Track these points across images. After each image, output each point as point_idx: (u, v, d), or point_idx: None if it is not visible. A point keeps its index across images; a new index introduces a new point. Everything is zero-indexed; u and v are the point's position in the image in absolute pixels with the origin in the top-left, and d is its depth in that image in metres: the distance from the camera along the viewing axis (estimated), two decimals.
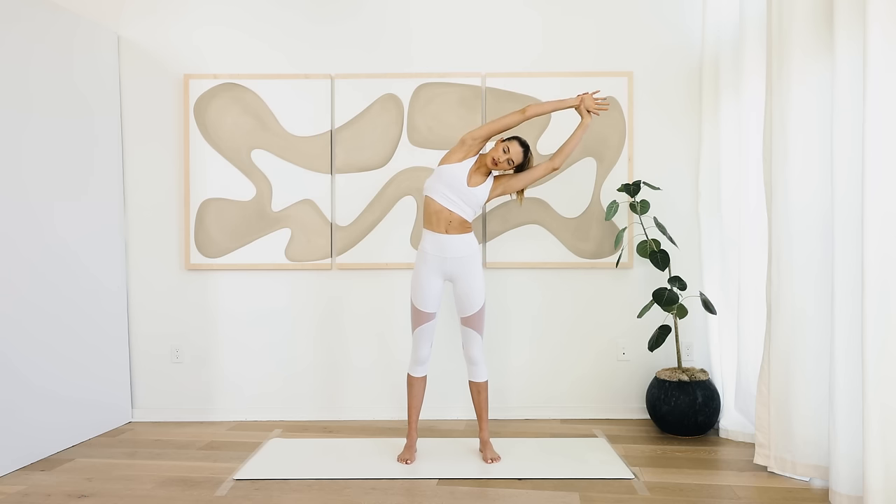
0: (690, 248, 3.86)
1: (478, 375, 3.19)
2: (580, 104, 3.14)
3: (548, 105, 3.11)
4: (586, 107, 3.14)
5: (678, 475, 2.97)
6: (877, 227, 2.32)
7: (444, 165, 3.09)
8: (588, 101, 3.14)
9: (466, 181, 3.06)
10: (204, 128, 3.90)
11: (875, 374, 2.32)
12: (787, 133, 2.78)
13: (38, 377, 3.26)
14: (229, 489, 2.84)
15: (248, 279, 3.95)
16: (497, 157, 3.04)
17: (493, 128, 3.08)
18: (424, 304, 3.12)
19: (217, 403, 3.95)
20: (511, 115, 3.08)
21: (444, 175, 3.07)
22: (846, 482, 2.50)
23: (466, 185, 3.06)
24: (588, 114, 3.15)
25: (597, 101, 3.15)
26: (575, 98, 3.14)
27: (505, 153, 3.04)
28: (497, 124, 3.08)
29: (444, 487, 2.84)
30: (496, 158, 3.04)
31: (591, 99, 3.14)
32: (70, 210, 3.50)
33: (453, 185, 3.05)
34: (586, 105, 3.14)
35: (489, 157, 3.06)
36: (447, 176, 3.06)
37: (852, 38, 2.45)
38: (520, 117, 3.06)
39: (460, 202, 3.07)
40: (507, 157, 3.04)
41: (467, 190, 3.06)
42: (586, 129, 3.17)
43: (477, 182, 3.09)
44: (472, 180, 3.08)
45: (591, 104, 3.14)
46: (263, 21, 3.94)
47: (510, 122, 3.08)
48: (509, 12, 3.93)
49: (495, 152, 3.05)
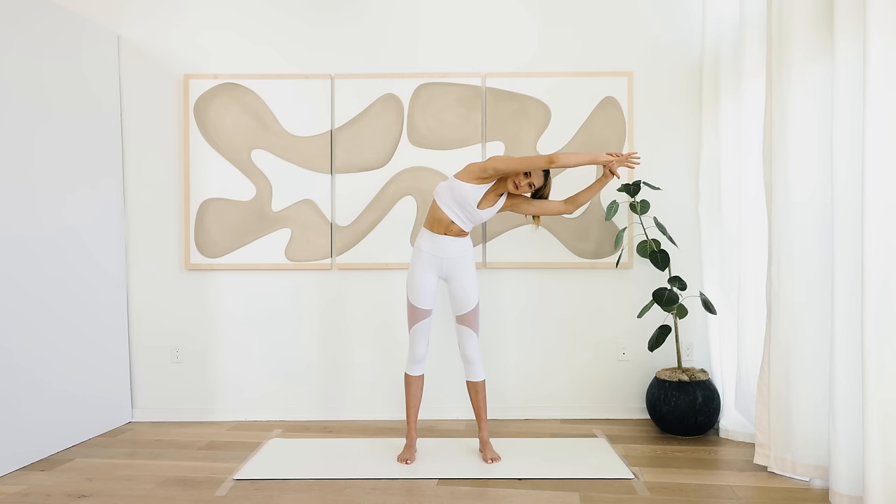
0: (690, 248, 3.86)
1: (475, 375, 3.19)
2: (608, 165, 3.08)
3: (578, 157, 3.00)
4: (618, 165, 3.08)
5: (678, 475, 2.97)
6: (876, 227, 2.31)
7: (460, 182, 3.06)
8: (617, 160, 3.05)
9: (477, 204, 3.10)
10: (204, 128, 3.90)
11: (875, 374, 2.32)
12: (787, 133, 2.78)
13: (37, 377, 3.26)
14: (229, 489, 2.84)
15: (248, 279, 3.95)
16: (518, 182, 3.06)
17: (518, 167, 3.01)
18: (420, 300, 3.14)
19: (217, 403, 3.95)
20: (538, 158, 2.99)
21: (457, 192, 3.06)
22: (846, 482, 2.50)
23: (476, 208, 3.10)
24: (611, 174, 3.11)
25: (631, 158, 3.07)
26: (603, 157, 3.02)
27: (526, 177, 3.06)
28: (523, 164, 3.01)
29: (444, 487, 2.84)
30: (517, 183, 3.06)
31: (624, 159, 3.06)
32: (70, 210, 3.50)
33: (464, 205, 3.08)
34: (612, 166, 3.08)
35: (510, 182, 3.07)
36: (460, 195, 3.05)
37: (852, 38, 2.45)
38: (546, 164, 2.99)
39: (465, 219, 3.12)
40: (528, 181, 3.06)
41: (476, 211, 3.11)
42: (605, 185, 3.19)
43: (487, 205, 3.13)
44: (483, 203, 3.12)
45: (622, 162, 3.06)
46: (263, 21, 3.94)
47: (535, 165, 3.01)
48: (509, 12, 3.93)
49: (517, 177, 3.06)
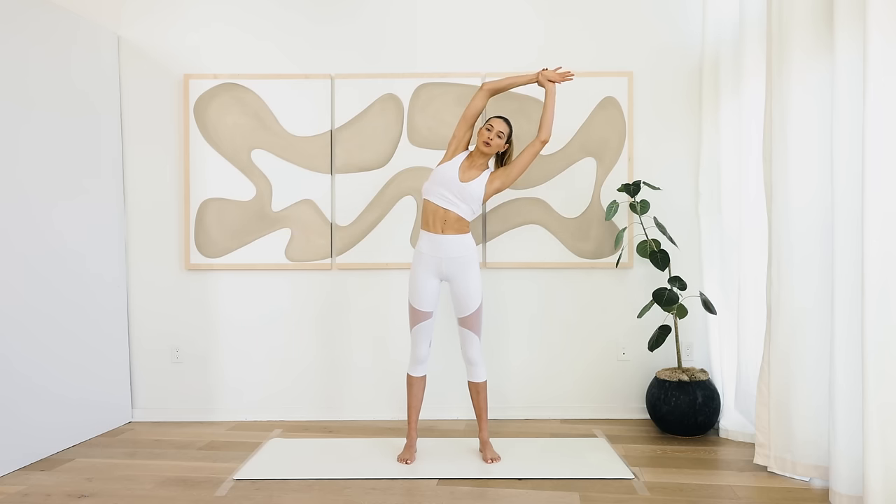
0: (690, 248, 3.86)
1: (476, 376, 3.19)
2: (538, 78, 3.20)
3: (505, 80, 3.21)
4: (547, 77, 3.18)
5: (678, 475, 2.97)
6: (877, 226, 2.31)
7: (436, 167, 3.16)
8: (549, 73, 3.19)
9: (458, 176, 3.09)
10: (204, 128, 3.90)
11: (875, 374, 2.32)
12: (787, 133, 2.78)
13: (37, 375, 3.26)
14: (229, 489, 2.84)
15: (248, 279, 3.95)
16: (487, 138, 3.09)
17: (465, 116, 3.17)
18: (420, 303, 3.13)
19: (217, 403, 3.95)
20: (473, 97, 3.19)
21: (436, 175, 3.13)
22: (846, 482, 2.50)
23: (459, 181, 3.08)
24: (550, 83, 3.19)
25: (561, 74, 3.20)
26: (533, 74, 3.22)
27: (489, 130, 3.10)
28: (466, 112, 3.18)
29: (444, 487, 2.84)
30: (487, 140, 3.09)
31: (551, 72, 3.20)
32: (70, 210, 3.50)
33: (446, 182, 3.08)
34: (547, 76, 3.19)
35: (480, 142, 3.11)
36: (439, 175, 3.11)
37: (852, 38, 2.45)
38: (481, 95, 3.16)
39: (456, 200, 3.09)
40: (494, 132, 3.09)
41: (461, 186, 3.08)
42: (555, 95, 3.20)
43: (471, 177, 3.11)
44: (464, 175, 3.11)
45: (552, 76, 3.19)
46: (264, 21, 3.94)
47: (477, 104, 3.17)
48: (509, 12, 3.93)
49: (481, 135, 3.11)
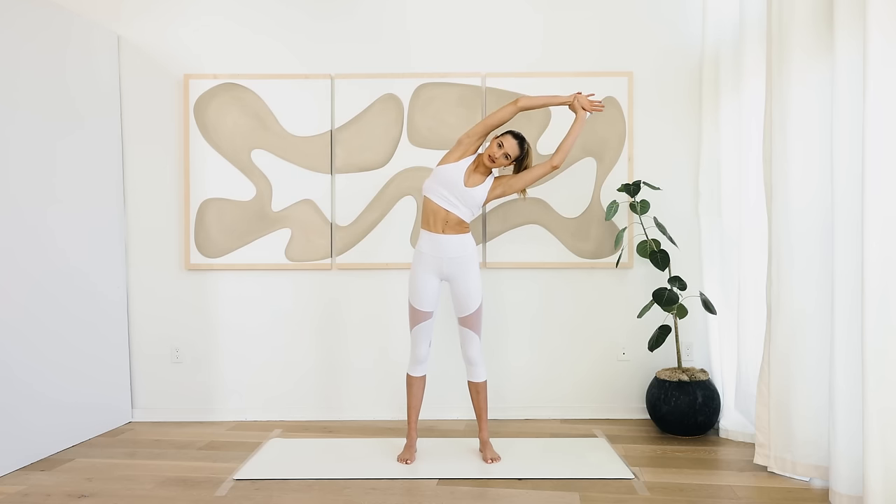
0: (690, 248, 3.86)
1: (476, 376, 3.19)
2: (573, 102, 3.12)
3: (540, 99, 3.10)
4: (581, 105, 3.11)
5: (678, 475, 2.97)
6: (877, 226, 2.31)
7: (441, 166, 3.09)
8: (582, 100, 3.11)
9: (464, 181, 3.05)
10: (204, 128, 3.90)
11: (875, 374, 2.32)
12: (787, 133, 2.78)
13: (37, 375, 3.26)
14: (229, 489, 2.84)
15: (248, 279, 3.95)
16: (493, 154, 3.02)
17: (487, 123, 3.08)
18: (420, 303, 3.12)
19: (217, 403, 3.95)
20: (504, 107, 3.06)
21: (440, 175, 3.06)
22: (846, 482, 2.50)
23: (463, 186, 3.04)
24: (583, 110, 3.12)
25: (592, 102, 3.13)
26: (569, 96, 3.14)
27: (500, 147, 3.02)
28: (491, 119, 3.07)
29: (444, 487, 2.84)
30: (492, 155, 3.02)
31: (585, 99, 3.12)
32: (70, 210, 3.50)
33: (450, 185, 3.04)
34: (581, 103, 3.11)
35: (485, 155, 3.05)
36: (444, 176, 3.05)
37: (852, 37, 2.45)
38: (512, 109, 3.04)
39: (458, 203, 3.05)
40: (502, 152, 3.02)
41: (464, 190, 3.04)
42: (583, 124, 3.13)
43: (475, 182, 3.07)
44: (469, 180, 3.06)
45: (585, 103, 3.11)
46: (264, 21, 3.94)
47: (504, 116, 3.06)
48: (509, 12, 3.93)
49: (490, 149, 3.04)
